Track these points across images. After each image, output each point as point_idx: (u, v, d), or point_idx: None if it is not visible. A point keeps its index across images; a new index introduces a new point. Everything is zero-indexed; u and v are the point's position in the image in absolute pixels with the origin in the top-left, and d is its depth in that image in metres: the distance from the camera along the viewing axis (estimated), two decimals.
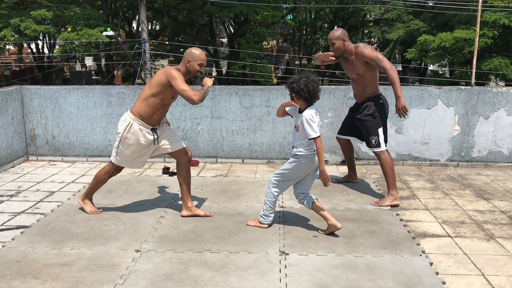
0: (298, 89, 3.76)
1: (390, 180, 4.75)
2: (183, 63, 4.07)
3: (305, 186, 3.97)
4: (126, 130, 4.12)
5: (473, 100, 6.16)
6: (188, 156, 4.35)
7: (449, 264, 3.47)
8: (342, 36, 4.80)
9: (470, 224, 4.26)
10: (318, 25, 29.58)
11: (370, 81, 4.83)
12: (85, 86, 6.63)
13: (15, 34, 16.97)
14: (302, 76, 3.79)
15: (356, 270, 3.34)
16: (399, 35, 20.94)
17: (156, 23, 30.24)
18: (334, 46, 4.84)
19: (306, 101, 3.80)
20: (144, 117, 4.11)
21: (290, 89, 3.83)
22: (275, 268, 3.36)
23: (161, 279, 3.21)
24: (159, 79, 4.03)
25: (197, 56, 4.04)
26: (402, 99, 4.53)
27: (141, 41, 15.51)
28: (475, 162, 6.30)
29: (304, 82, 3.74)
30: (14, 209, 4.63)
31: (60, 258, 3.51)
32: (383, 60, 4.62)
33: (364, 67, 4.76)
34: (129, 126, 4.11)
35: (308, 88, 3.74)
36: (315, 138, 3.73)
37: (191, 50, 4.09)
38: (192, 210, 4.36)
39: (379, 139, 4.80)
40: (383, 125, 4.84)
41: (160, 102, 4.09)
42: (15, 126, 6.40)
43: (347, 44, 4.82)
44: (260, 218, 4.10)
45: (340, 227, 3.88)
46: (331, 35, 4.87)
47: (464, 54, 15.60)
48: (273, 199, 4.03)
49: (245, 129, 6.45)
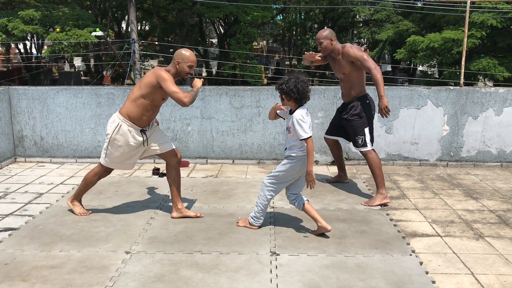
0: (287, 90, 3.75)
1: (379, 179, 4.78)
2: (173, 64, 4.03)
3: (297, 187, 3.97)
4: (115, 131, 4.09)
5: (462, 100, 6.21)
6: (177, 157, 4.33)
7: (438, 264, 3.49)
8: (330, 36, 4.85)
9: (459, 223, 4.29)
10: (308, 25, 29.65)
11: (356, 81, 4.87)
12: (73, 87, 6.58)
13: (2, 34, 16.81)
14: (291, 77, 3.78)
15: (346, 270, 3.34)
16: (388, 35, 21.05)
17: (145, 24, 30.14)
18: (321, 45, 4.88)
19: (296, 101, 3.79)
20: (133, 118, 4.08)
21: (279, 91, 3.81)
22: (266, 269, 3.35)
23: (151, 281, 3.19)
24: (148, 80, 4.00)
25: (187, 57, 4.00)
26: (384, 99, 4.56)
27: (131, 42, 15.43)
28: (464, 162, 6.35)
29: (294, 82, 3.74)
30: (2, 211, 4.58)
31: (49, 260, 3.48)
32: (368, 60, 4.66)
33: (350, 66, 4.80)
34: (118, 128, 4.08)
35: (298, 88, 3.73)
36: (306, 139, 3.72)
37: (181, 51, 4.04)
38: (182, 211, 4.34)
39: (366, 139, 4.83)
40: (369, 125, 4.87)
41: (149, 104, 4.06)
42: (3, 127, 6.33)
43: (335, 43, 4.86)
44: (251, 219, 4.09)
45: (330, 229, 3.88)
46: (319, 35, 4.92)
47: (453, 54, 15.73)
48: (266, 202, 4.01)
49: (235, 130, 6.44)
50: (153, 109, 4.13)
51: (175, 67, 4.02)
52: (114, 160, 4.21)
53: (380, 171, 4.79)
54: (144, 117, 4.10)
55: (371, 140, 4.88)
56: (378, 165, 4.80)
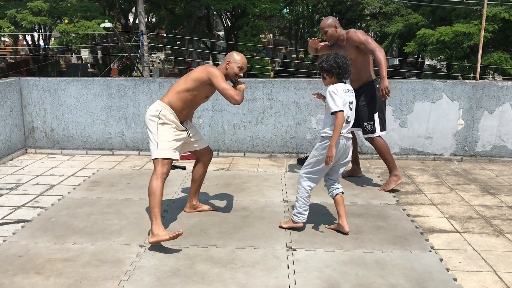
0: (328, 66, 3.65)
1: (390, 163, 4.88)
2: (224, 65, 3.89)
3: (335, 172, 3.83)
4: (160, 114, 3.77)
5: (478, 94, 6.10)
6: (211, 155, 4.23)
7: (459, 261, 3.42)
8: (334, 23, 4.81)
9: (478, 219, 4.21)
10: (315, 18, 29.44)
11: (363, 66, 4.85)
12: (84, 78, 6.52)
13: (11, 26, 16.78)
14: (330, 54, 3.72)
15: (365, 266, 3.28)
16: (398, 28, 20.87)
17: (152, 16, 30.03)
18: (327, 34, 4.85)
19: (338, 77, 3.67)
20: (174, 109, 3.84)
21: (320, 70, 3.73)
22: (283, 264, 3.29)
23: (167, 275, 3.14)
24: (198, 75, 3.78)
25: (238, 59, 3.88)
26: (386, 80, 4.53)
27: (139, 33, 15.35)
28: (479, 156, 6.25)
29: (333, 58, 3.66)
30: (14, 203, 4.54)
31: (63, 253, 3.43)
32: (371, 43, 4.65)
33: (355, 51, 4.78)
34: (163, 112, 3.78)
35: (338, 63, 3.63)
36: (336, 112, 3.55)
37: (233, 53, 3.95)
38: (196, 207, 4.27)
39: (375, 125, 4.85)
40: (379, 111, 4.85)
41: (192, 99, 3.85)
42: (14, 118, 6.29)
43: (339, 30, 4.84)
44: (294, 217, 3.84)
45: (347, 231, 3.78)
46: (322, 24, 4.87)
47: (464, 48, 15.56)
48: (306, 193, 3.79)
49: (247, 123, 6.37)
50: (193, 105, 3.92)
51: (225, 67, 3.88)
52: (170, 146, 3.75)
53: (390, 156, 4.89)
54: (184, 111, 3.88)
55: (382, 125, 4.88)
56: (387, 149, 4.89)
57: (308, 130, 6.32)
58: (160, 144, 3.72)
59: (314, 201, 4.59)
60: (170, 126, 3.79)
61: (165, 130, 3.77)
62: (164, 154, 3.70)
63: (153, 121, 3.78)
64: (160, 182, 3.61)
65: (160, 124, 3.76)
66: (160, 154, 3.69)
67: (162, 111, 3.77)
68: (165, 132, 3.76)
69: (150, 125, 3.79)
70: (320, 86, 6.20)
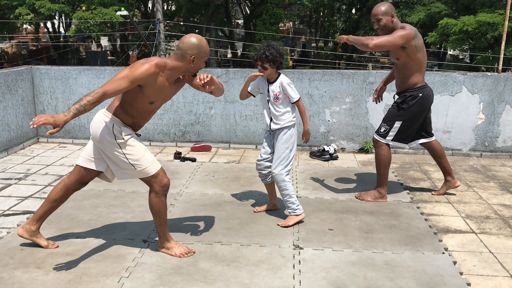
0: (273, 56, 3.61)
1: (382, 177, 4.35)
2: (185, 59, 3.06)
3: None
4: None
5: (499, 87, 5.86)
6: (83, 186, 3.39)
7: (474, 264, 3.26)
8: (390, 11, 4.05)
9: (495, 219, 4.03)
10: (336, 6, 28.96)
11: (408, 72, 4.18)
12: (96, 67, 6.46)
13: (30, 12, 16.85)
14: (266, 44, 3.67)
15: (374, 268, 3.15)
16: (419, 18, 20.35)
17: (171, 3, 29.94)
18: (380, 23, 4.08)
19: (279, 67, 3.69)
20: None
21: (264, 59, 3.62)
22: (288, 264, 3.18)
23: (168, 273, 3.05)
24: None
25: (205, 50, 3.10)
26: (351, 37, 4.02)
27: (156, 22, 15.28)
28: (499, 152, 6.03)
29: (275, 48, 3.63)
30: (21, 193, 4.51)
31: (65, 247, 3.38)
32: (389, 35, 4.01)
33: (403, 52, 4.11)
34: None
35: (281, 53, 3.65)
36: (298, 100, 3.75)
37: (196, 42, 3.05)
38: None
39: (390, 131, 4.26)
40: (405, 121, 4.22)
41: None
42: (25, 107, 6.27)
43: (395, 21, 4.09)
44: (296, 211, 3.79)
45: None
46: (376, 10, 4.07)
47: (487, 39, 15.09)
48: (291, 187, 3.78)
49: (259, 114, 6.24)
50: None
51: (188, 62, 3.07)
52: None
53: (385, 171, 4.33)
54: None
55: (399, 136, 4.27)
56: (386, 164, 4.32)
57: (322, 122, 6.17)
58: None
59: (324, 197, 4.46)
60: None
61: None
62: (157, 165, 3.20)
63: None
64: (164, 198, 3.20)
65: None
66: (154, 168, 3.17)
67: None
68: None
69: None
70: (335, 77, 6.03)
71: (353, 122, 6.15)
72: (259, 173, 3.97)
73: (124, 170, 3.17)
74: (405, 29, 4.04)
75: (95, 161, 3.23)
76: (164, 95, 3.19)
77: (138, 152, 3.13)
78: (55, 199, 3.30)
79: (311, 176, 5.09)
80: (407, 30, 4.03)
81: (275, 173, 3.75)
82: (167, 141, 6.44)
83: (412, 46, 4.08)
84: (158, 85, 3.05)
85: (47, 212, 3.34)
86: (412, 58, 4.13)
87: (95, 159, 3.22)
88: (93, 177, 3.31)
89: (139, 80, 2.95)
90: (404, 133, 4.30)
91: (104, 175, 3.30)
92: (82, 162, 3.27)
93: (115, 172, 3.22)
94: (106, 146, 3.10)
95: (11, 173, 5.12)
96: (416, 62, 4.16)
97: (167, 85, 3.11)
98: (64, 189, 3.29)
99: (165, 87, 3.11)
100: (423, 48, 4.18)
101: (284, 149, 3.76)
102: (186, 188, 4.66)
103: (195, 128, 6.36)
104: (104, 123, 3.08)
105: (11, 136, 5.97)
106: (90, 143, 3.27)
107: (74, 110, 2.82)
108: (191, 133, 6.38)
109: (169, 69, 3.07)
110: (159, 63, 3.02)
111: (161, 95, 3.14)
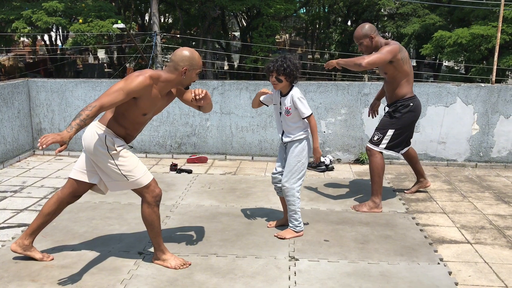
0: (289, 70, 3.53)
1: (376, 186, 4.39)
2: (177, 71, 3.09)
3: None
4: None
5: (493, 98, 5.91)
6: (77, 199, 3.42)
7: (469, 274, 3.27)
8: (369, 33, 4.27)
9: (490, 229, 4.04)
10: (331, 19, 29.24)
11: (396, 85, 4.36)
12: (92, 80, 6.49)
13: (27, 26, 16.94)
14: (281, 56, 3.59)
15: (370, 278, 3.15)
16: (414, 29, 20.57)
17: (168, 16, 30.12)
18: (361, 46, 4.33)
19: (295, 80, 3.61)
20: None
21: (280, 71, 3.52)
22: (284, 275, 3.18)
23: (163, 285, 3.04)
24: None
25: (197, 63, 3.13)
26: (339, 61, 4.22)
27: (152, 34, 15.36)
28: (494, 162, 6.06)
29: (291, 60, 3.55)
30: (17, 206, 4.50)
31: (60, 259, 3.37)
32: (378, 52, 4.18)
33: (391, 66, 4.28)
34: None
35: (296, 65, 3.57)
36: (309, 116, 3.62)
37: (187, 54, 3.09)
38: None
39: (383, 139, 4.37)
40: (397, 129, 4.36)
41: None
42: (22, 119, 6.28)
43: (376, 39, 4.29)
44: (297, 227, 3.77)
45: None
46: (357, 33, 4.32)
47: (481, 50, 15.24)
48: (299, 203, 3.77)
49: (255, 126, 6.26)
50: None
51: (180, 74, 3.10)
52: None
53: (379, 179, 4.38)
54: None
55: (392, 146, 4.39)
56: (380, 172, 4.38)
57: (318, 134, 6.18)
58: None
59: (320, 208, 4.47)
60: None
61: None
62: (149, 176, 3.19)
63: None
64: (156, 209, 3.18)
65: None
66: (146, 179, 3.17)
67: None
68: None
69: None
70: (330, 89, 6.07)
71: (348, 133, 6.18)
72: (275, 186, 3.92)
73: (116, 182, 3.18)
74: (389, 45, 4.24)
75: (88, 174, 3.23)
76: (157, 107, 3.23)
77: (131, 163, 3.14)
78: (49, 212, 3.29)
79: (307, 187, 5.10)
80: (392, 45, 4.24)
81: (286, 186, 3.70)
82: (163, 153, 6.45)
83: (398, 60, 4.27)
84: (152, 97, 3.08)
85: (40, 226, 3.32)
86: (399, 70, 4.32)
87: (87, 171, 3.23)
88: (86, 190, 3.32)
89: (134, 92, 2.98)
90: (396, 141, 4.43)
91: (98, 188, 3.31)
92: (74, 174, 3.28)
93: (107, 183, 3.23)
94: (99, 158, 3.12)
95: (6, 186, 5.11)
96: (404, 74, 4.34)
97: (160, 97, 3.16)
98: (58, 203, 3.30)
99: (158, 99, 3.15)
100: (408, 60, 4.38)
101: (296, 162, 3.69)
102: (182, 200, 4.66)
103: (191, 140, 6.37)
104: (97, 135, 3.12)
105: (7, 149, 5.97)
106: (82, 156, 3.28)
107: (76, 125, 2.84)
108: (187, 144, 6.39)
109: (162, 81, 3.11)
110: (153, 75, 3.06)
111: (154, 107, 3.18)
